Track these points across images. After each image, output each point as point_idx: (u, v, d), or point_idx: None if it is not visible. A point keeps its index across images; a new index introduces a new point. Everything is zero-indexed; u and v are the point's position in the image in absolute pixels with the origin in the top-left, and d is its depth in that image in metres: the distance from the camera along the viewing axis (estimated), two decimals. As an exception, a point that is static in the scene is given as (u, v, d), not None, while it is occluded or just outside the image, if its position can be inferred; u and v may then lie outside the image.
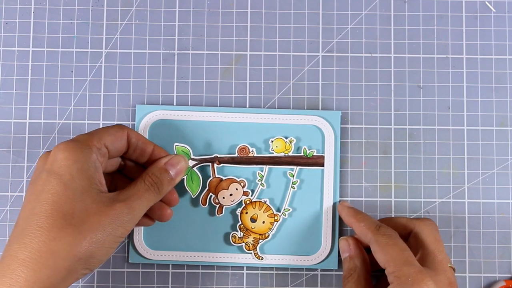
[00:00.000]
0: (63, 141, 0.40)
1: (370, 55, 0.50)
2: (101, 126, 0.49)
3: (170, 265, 0.48)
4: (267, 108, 0.49)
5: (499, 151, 0.49)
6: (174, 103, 0.49)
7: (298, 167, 0.48)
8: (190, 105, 0.49)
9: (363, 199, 0.48)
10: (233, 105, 0.49)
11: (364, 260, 0.44)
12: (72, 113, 0.49)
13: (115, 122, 0.49)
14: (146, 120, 0.48)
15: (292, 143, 0.48)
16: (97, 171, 0.40)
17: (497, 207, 0.49)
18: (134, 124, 0.49)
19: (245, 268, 0.48)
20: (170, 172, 0.43)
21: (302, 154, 0.48)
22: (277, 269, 0.48)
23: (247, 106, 0.49)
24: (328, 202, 0.47)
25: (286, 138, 0.48)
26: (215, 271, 0.48)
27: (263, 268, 0.48)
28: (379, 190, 0.49)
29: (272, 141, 0.48)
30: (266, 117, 0.48)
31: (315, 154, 0.48)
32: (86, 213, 0.38)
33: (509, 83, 0.50)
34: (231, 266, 0.48)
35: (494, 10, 0.51)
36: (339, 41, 0.50)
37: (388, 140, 0.49)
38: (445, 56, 0.50)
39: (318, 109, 0.49)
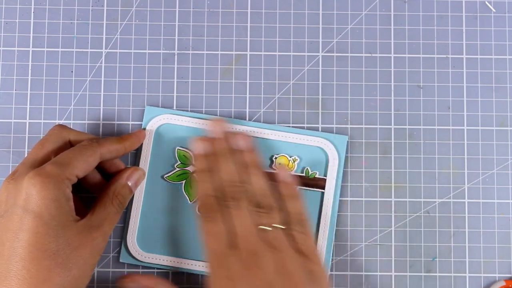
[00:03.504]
0: (34, 173, 0.38)
1: (370, 55, 0.50)
2: (101, 126, 0.49)
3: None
4: (267, 109, 0.49)
5: (499, 151, 0.49)
6: (174, 103, 0.49)
7: (298, 187, 0.47)
8: (204, 112, 0.49)
9: (363, 199, 0.48)
10: (233, 106, 0.49)
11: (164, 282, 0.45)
12: (72, 113, 0.49)
13: (115, 122, 0.49)
14: (153, 122, 0.47)
15: (296, 162, 0.47)
16: (70, 201, 0.39)
17: (497, 207, 0.49)
18: (141, 124, 0.49)
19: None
20: (129, 184, 0.44)
21: (304, 174, 0.48)
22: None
23: (247, 106, 0.49)
24: (324, 227, 0.47)
25: (290, 156, 0.48)
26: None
27: None
28: (379, 190, 0.49)
29: (275, 158, 0.48)
30: (273, 133, 0.48)
31: (317, 176, 0.48)
32: (69, 248, 0.38)
33: (509, 83, 0.50)
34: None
35: (494, 10, 0.51)
36: (339, 41, 0.50)
37: (388, 140, 0.49)
38: (445, 56, 0.50)
39: (318, 110, 0.49)
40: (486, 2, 0.51)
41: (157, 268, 0.47)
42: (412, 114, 0.49)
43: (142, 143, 0.47)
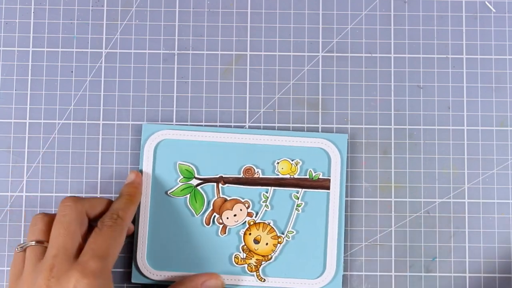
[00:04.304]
0: (81, 274, 0.37)
1: (370, 55, 0.50)
2: (101, 127, 0.49)
3: (170, 265, 0.48)
4: (267, 109, 0.49)
5: (499, 151, 0.49)
6: (174, 103, 0.49)
7: (303, 190, 0.47)
8: (191, 124, 0.49)
9: (363, 199, 0.48)
10: (233, 106, 0.49)
11: None
12: (72, 113, 0.49)
13: (115, 122, 0.49)
14: (152, 140, 0.47)
15: (298, 165, 0.47)
16: None
17: (497, 207, 0.49)
18: (141, 124, 0.49)
19: None
20: None
21: (307, 176, 0.48)
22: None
23: (247, 106, 0.49)
24: (333, 226, 0.47)
25: (292, 160, 0.48)
26: None
27: None
28: (379, 190, 0.49)
29: (278, 163, 0.48)
30: (273, 138, 0.48)
31: (320, 177, 0.47)
32: None
33: (509, 83, 0.50)
34: None
35: (494, 10, 0.51)
36: (339, 41, 0.50)
37: (388, 140, 0.49)
38: (445, 56, 0.50)
39: (318, 110, 0.49)
40: (486, 2, 0.51)
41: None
42: (412, 114, 0.49)
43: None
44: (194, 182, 0.47)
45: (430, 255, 0.48)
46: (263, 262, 0.47)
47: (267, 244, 0.47)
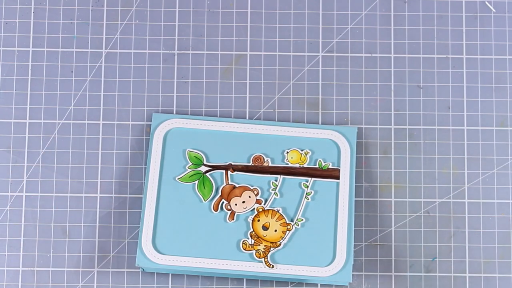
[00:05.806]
0: None
1: (370, 55, 0.50)
2: (101, 127, 0.49)
3: (170, 265, 0.48)
4: (267, 109, 0.49)
5: (499, 151, 0.49)
6: (174, 103, 0.49)
7: (313, 179, 0.47)
8: (204, 113, 0.49)
9: (363, 199, 0.48)
10: (233, 106, 0.49)
11: None
12: (72, 113, 0.49)
13: (115, 122, 0.49)
14: (161, 128, 0.48)
15: (308, 155, 0.48)
16: None
17: (497, 207, 0.49)
18: (143, 125, 0.49)
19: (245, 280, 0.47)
20: None
21: (317, 166, 0.48)
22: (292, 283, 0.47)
23: (247, 106, 0.49)
24: (343, 215, 0.47)
25: (302, 150, 0.48)
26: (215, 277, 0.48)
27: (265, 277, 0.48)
28: (379, 190, 0.49)
29: (287, 152, 0.48)
30: (283, 129, 0.48)
31: (330, 167, 0.48)
32: None
33: (509, 83, 0.50)
34: (233, 274, 0.46)
35: (494, 10, 0.51)
36: (339, 41, 0.50)
37: (388, 140, 0.49)
38: (445, 56, 0.50)
39: (318, 110, 0.49)
40: (486, 2, 0.51)
41: (172, 273, 0.47)
42: (412, 114, 0.49)
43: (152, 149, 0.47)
44: (203, 169, 0.47)
45: (430, 255, 0.48)
46: (271, 249, 0.47)
47: (275, 231, 0.47)
